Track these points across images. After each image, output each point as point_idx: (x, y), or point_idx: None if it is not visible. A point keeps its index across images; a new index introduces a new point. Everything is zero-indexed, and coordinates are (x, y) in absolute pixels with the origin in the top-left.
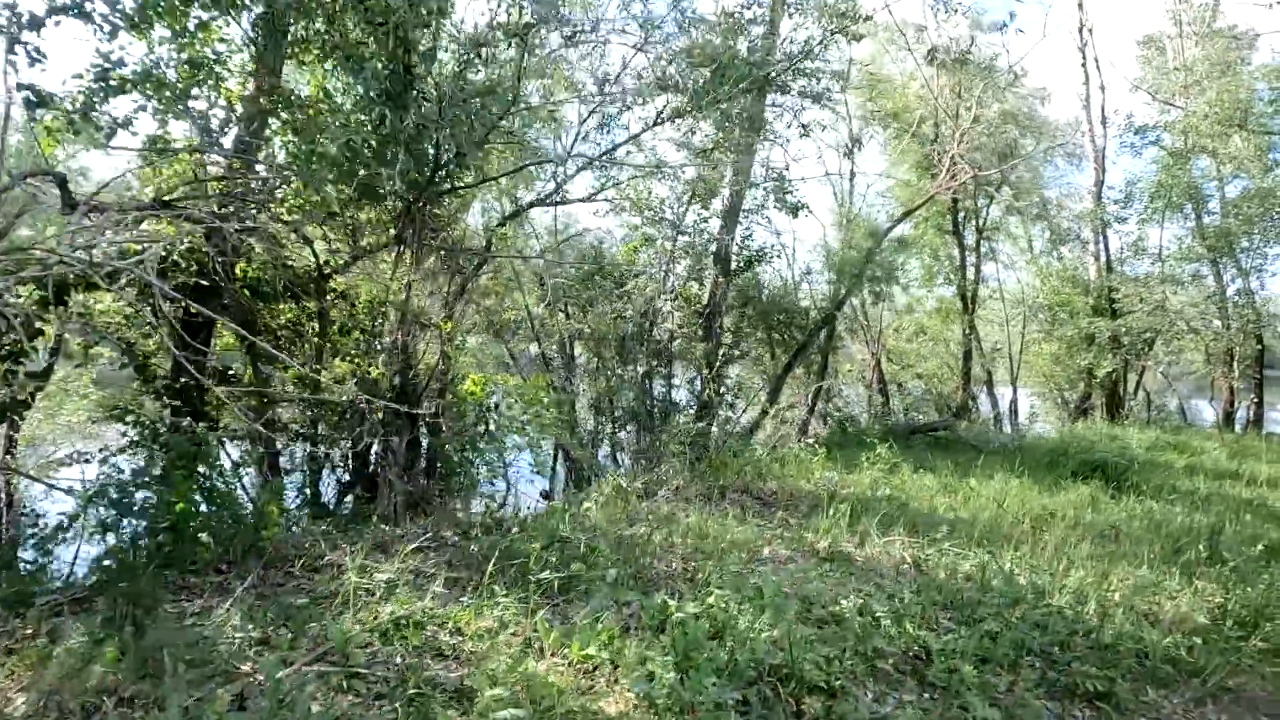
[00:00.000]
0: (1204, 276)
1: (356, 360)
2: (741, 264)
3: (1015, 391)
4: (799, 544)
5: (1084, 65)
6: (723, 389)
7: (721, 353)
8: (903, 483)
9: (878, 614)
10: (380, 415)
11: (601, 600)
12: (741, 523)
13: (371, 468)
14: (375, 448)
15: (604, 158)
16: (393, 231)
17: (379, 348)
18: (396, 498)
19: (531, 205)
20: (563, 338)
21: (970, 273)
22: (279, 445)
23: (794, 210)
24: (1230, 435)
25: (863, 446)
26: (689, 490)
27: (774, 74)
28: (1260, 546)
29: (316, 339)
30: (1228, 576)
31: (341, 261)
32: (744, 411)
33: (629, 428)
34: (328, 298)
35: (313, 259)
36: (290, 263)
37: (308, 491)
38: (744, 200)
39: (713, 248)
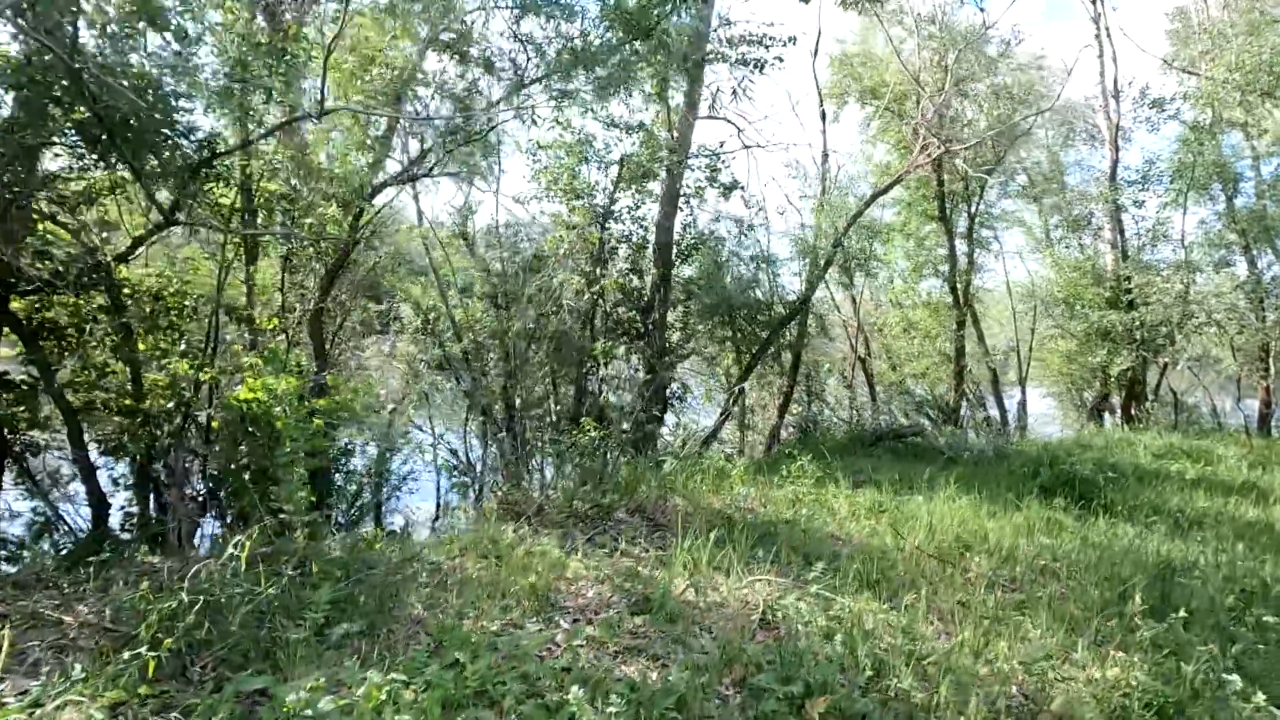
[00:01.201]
0: (1233, 264)
1: (155, 361)
2: (683, 253)
3: (1024, 392)
4: (627, 586)
5: (1098, 36)
6: (664, 391)
7: (667, 349)
8: (826, 500)
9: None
10: (177, 425)
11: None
12: (582, 555)
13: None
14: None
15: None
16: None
17: (184, 348)
18: (179, 523)
19: (386, 184)
20: (476, 336)
21: (962, 263)
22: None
23: (726, 190)
24: (1261, 440)
25: (820, 456)
26: (561, 513)
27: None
28: (1233, 594)
29: (112, 338)
30: (1158, 644)
31: (126, 245)
32: (699, 416)
33: (501, 436)
34: (121, 291)
35: (86, 244)
36: (61, 248)
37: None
38: (682, 182)
39: (654, 236)
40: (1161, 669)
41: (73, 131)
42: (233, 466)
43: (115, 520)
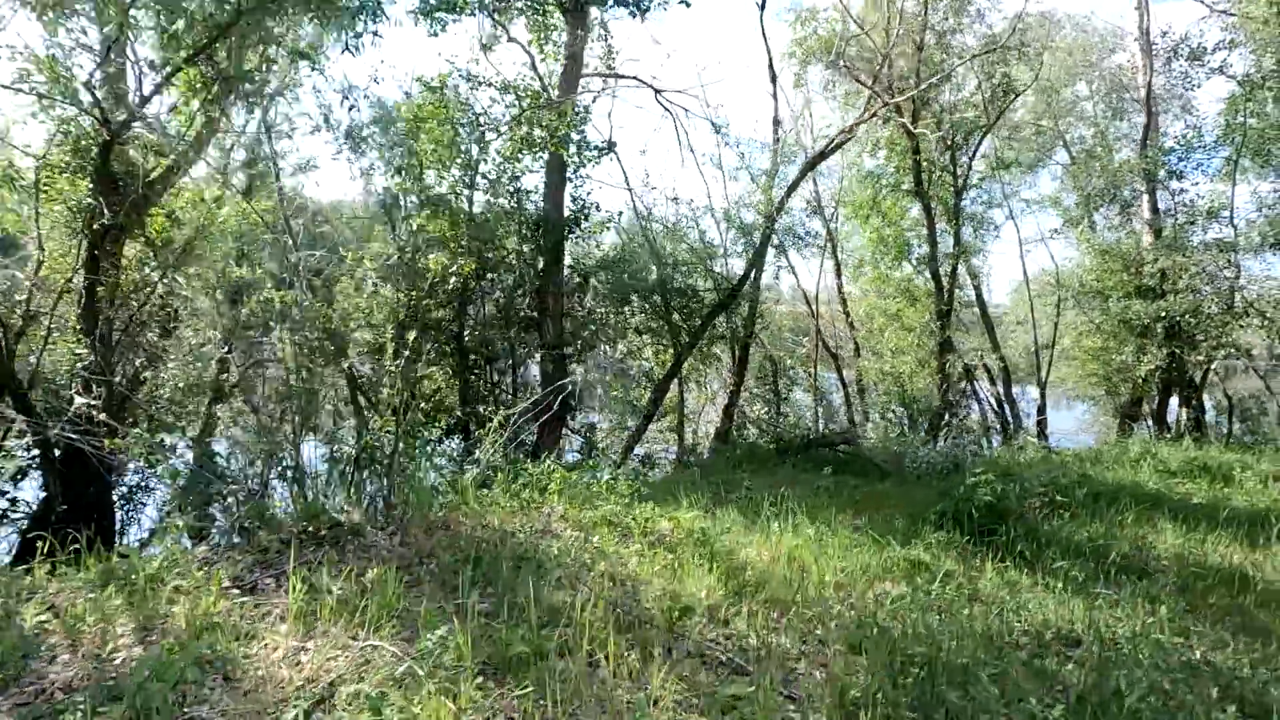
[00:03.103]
0: None
1: None
2: (573, 228)
3: (1043, 395)
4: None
5: None
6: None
7: (567, 340)
8: (637, 526)
9: None
10: None
11: None
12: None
13: None
14: None
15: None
16: None
17: None
18: None
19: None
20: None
21: (949, 245)
22: None
23: (598, 153)
24: None
25: (745, 462)
26: (289, 535)
27: None
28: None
29: None
30: None
31: None
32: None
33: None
34: None
35: None
36: None
37: None
38: (570, 147)
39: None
40: None
41: None
42: None
43: None
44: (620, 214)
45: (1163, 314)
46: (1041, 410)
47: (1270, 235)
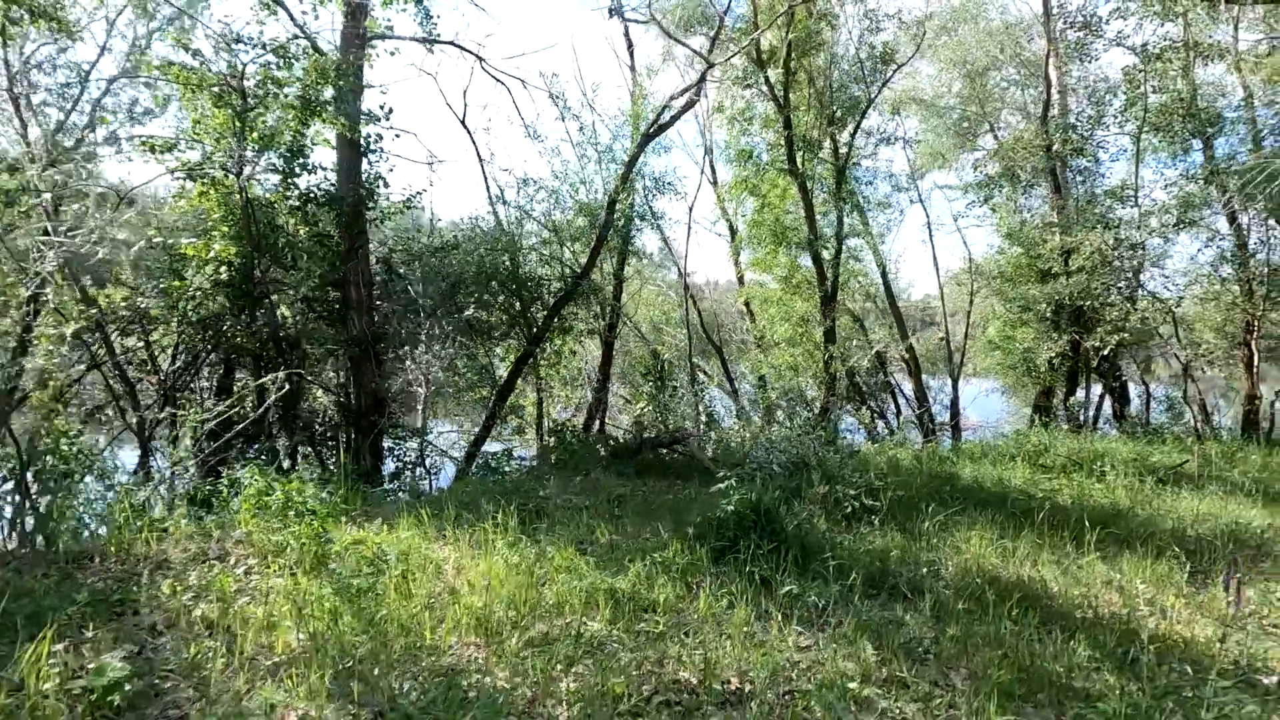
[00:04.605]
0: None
1: None
2: (364, 210)
3: (956, 389)
4: None
5: None
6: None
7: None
8: (311, 548)
9: None
10: None
11: None
12: None
13: None
14: None
15: None
16: None
17: None
18: None
19: None
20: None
21: (830, 226)
22: None
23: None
24: (1217, 445)
25: (566, 466)
26: None
27: None
28: None
29: None
30: None
31: None
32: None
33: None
34: None
35: None
36: None
37: None
38: (359, 118)
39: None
40: None
41: None
42: None
43: None
44: (421, 193)
45: (1056, 297)
46: (955, 402)
47: (1174, 216)
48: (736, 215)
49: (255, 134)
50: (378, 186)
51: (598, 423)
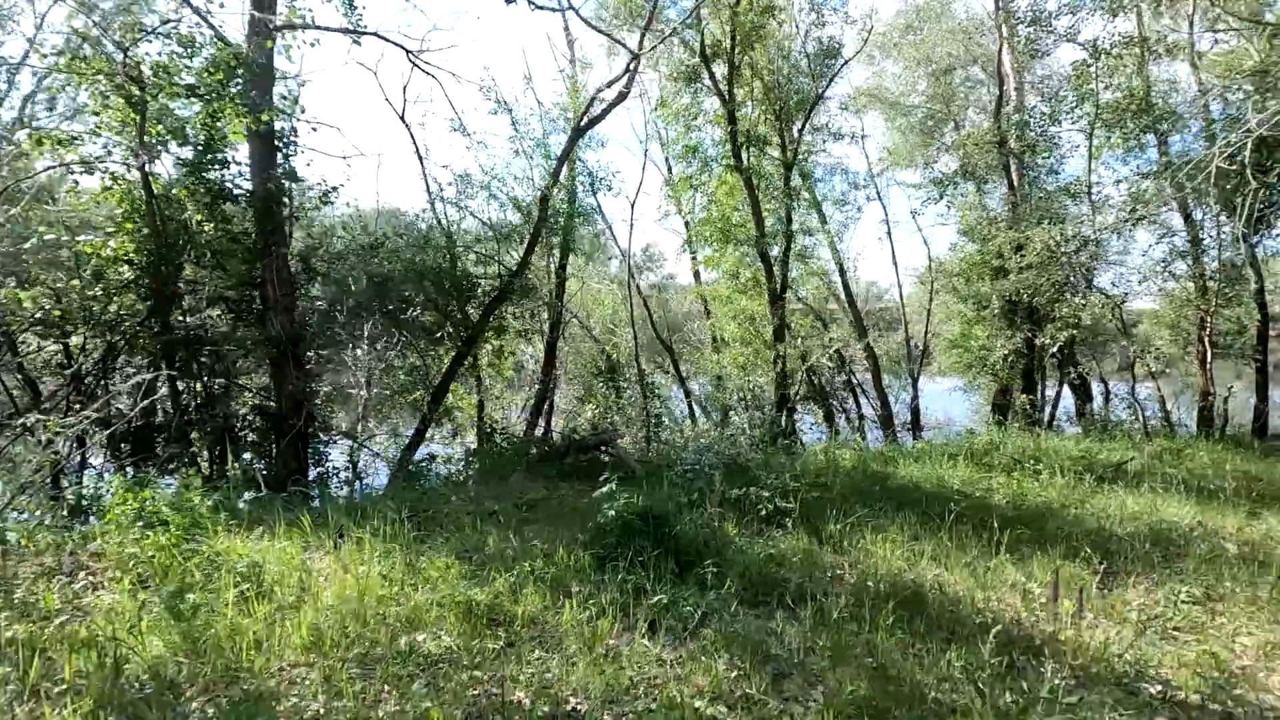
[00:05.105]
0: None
1: None
2: (277, 206)
3: (915, 387)
4: None
5: None
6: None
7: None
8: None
9: None
10: None
11: None
12: None
13: None
14: None
15: None
16: None
17: None
18: None
19: None
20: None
21: (779, 223)
22: None
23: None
24: (1167, 442)
25: (495, 469)
26: None
27: None
28: None
29: None
30: None
31: None
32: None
33: None
34: None
35: None
36: None
37: None
38: (269, 110)
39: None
40: None
41: None
42: None
43: None
44: (337, 189)
45: (1005, 293)
46: (915, 401)
47: (1124, 212)
48: (686, 212)
49: (160, 126)
50: (289, 182)
51: (543, 424)
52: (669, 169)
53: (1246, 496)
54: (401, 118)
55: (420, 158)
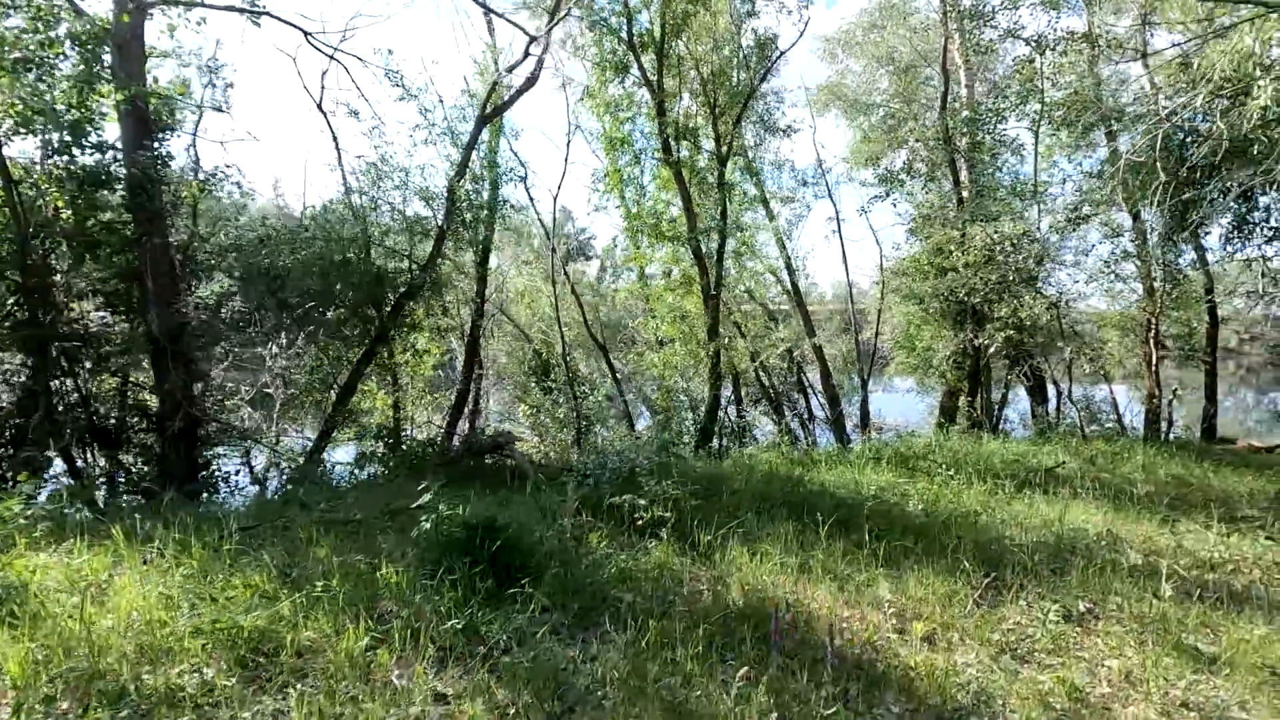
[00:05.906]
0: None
1: None
2: (149, 191)
3: (865, 389)
4: None
5: None
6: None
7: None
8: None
9: None
10: None
11: None
12: None
13: None
14: None
15: None
16: None
17: None
18: None
19: None
20: None
21: (711, 219)
22: None
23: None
24: (1106, 445)
25: (395, 475)
26: None
27: None
28: None
29: None
30: None
31: None
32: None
33: None
34: None
35: None
36: None
37: None
38: (138, 89)
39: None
40: None
41: None
42: None
43: None
44: (213, 174)
45: (943, 291)
46: (865, 403)
47: (1069, 212)
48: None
49: (16, 106)
50: (163, 166)
51: (465, 426)
52: (613, 162)
53: (1170, 503)
54: (319, 106)
55: (337, 147)
